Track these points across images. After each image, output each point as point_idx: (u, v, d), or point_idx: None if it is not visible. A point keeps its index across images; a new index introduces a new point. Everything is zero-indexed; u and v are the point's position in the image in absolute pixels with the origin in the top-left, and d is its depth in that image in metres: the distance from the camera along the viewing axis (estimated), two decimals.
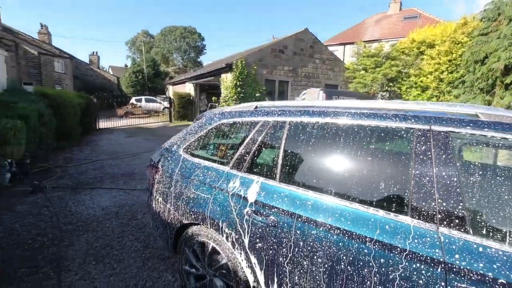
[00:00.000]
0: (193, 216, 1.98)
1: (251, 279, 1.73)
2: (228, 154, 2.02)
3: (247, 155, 1.88)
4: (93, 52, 33.90)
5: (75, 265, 2.74)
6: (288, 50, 13.53)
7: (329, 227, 1.41)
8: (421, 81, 12.68)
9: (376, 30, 25.39)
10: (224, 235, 1.82)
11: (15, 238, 3.19)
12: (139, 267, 2.71)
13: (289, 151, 1.73)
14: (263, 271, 1.66)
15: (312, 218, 1.47)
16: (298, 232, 1.50)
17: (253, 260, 1.70)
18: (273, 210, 1.61)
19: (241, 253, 1.76)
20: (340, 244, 1.36)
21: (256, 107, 2.09)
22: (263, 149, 1.89)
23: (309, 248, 1.46)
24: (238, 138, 2.04)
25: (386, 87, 13.71)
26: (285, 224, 1.56)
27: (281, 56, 13.37)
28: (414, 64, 13.03)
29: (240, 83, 11.90)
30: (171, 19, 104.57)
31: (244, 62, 12.03)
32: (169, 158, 2.34)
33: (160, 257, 2.88)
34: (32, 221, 3.61)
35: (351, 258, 1.32)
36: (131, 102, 23.05)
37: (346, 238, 1.35)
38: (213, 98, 14.05)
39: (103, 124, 13.97)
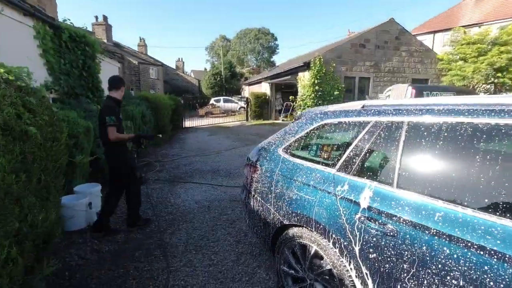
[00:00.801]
0: (295, 218, 1.96)
1: None
2: (334, 156, 1.93)
3: (356, 157, 1.76)
4: (179, 58, 37.73)
5: (178, 252, 3.02)
6: (370, 44, 12.62)
7: (470, 244, 1.20)
8: None
9: (476, 13, 21.73)
10: (331, 240, 1.74)
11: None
12: (234, 261, 2.84)
13: (408, 155, 1.55)
14: (376, 283, 1.53)
15: (444, 232, 1.28)
16: (425, 246, 1.33)
17: (365, 270, 1.57)
18: (391, 219, 1.46)
19: (350, 261, 1.65)
20: (485, 267, 1.14)
21: (363, 106, 1.94)
22: (375, 151, 1.74)
23: (439, 266, 1.28)
24: (344, 139, 1.93)
25: (492, 79, 11.58)
26: (407, 235, 1.40)
27: (361, 51, 12.56)
28: None
29: (318, 81, 11.60)
30: (246, 22, 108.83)
31: (322, 59, 11.69)
32: (267, 157, 2.37)
33: (252, 254, 2.97)
34: (141, 209, 4.13)
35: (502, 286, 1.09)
36: (210, 102, 24.79)
37: (495, 260, 1.12)
38: (290, 97, 14.05)
39: (187, 123, 15.36)
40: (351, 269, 1.66)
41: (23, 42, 4.64)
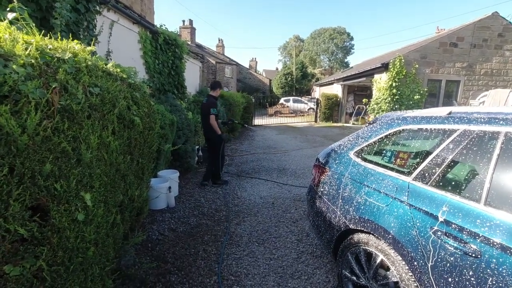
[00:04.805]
0: (362, 223, 1.92)
1: None
2: (410, 163, 1.83)
3: (437, 168, 1.64)
4: (253, 58, 39.12)
5: (242, 242, 3.22)
6: (464, 43, 11.09)
7: None
8: None
9: None
10: (400, 251, 1.67)
11: (202, 209, 4.08)
12: (294, 259, 2.90)
13: (503, 170, 1.39)
14: None
15: None
16: None
17: None
18: (475, 238, 1.34)
19: (420, 277, 1.56)
20: None
21: (450, 112, 1.79)
22: (460, 162, 1.60)
23: None
24: (423, 147, 1.82)
25: None
26: (493, 259, 1.26)
27: (452, 50, 11.12)
28: None
29: (396, 84, 10.73)
30: (322, 22, 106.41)
31: (403, 60, 10.77)
32: (337, 160, 2.36)
33: (312, 254, 2.98)
34: (211, 198, 4.51)
35: None
36: (280, 102, 25.10)
37: None
38: (363, 100, 13.32)
39: (257, 121, 15.88)
40: (421, 285, 1.56)
41: (130, 45, 5.50)
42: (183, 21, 23.06)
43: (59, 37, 1.68)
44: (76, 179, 1.33)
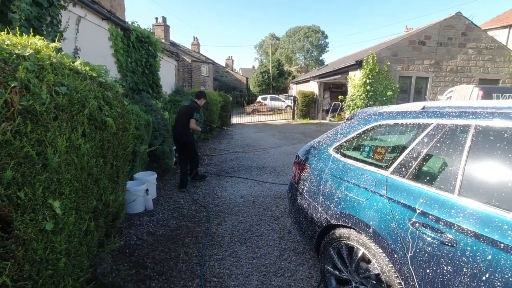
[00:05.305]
0: (343, 218, 1.95)
1: None
2: (388, 158, 1.87)
3: (413, 161, 1.69)
4: (229, 56, 38.89)
5: (224, 242, 3.17)
6: (431, 41, 11.64)
7: None
8: None
9: None
10: (380, 244, 1.70)
11: (181, 211, 3.98)
12: (277, 256, 2.90)
13: (474, 161, 1.45)
14: None
15: None
16: (489, 259, 1.24)
17: (416, 279, 1.51)
18: (450, 227, 1.39)
19: (400, 268, 1.60)
20: None
21: (424, 107, 1.85)
22: (435, 155, 1.66)
23: (505, 282, 1.18)
24: (400, 141, 1.86)
25: None
26: (468, 247, 1.31)
27: (421, 48, 11.65)
28: None
29: (370, 80, 11.07)
30: (297, 20, 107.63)
31: (375, 57, 11.12)
32: (317, 156, 2.38)
33: (295, 251, 3.00)
34: (190, 199, 4.42)
35: None
36: (257, 100, 25.13)
37: None
38: (339, 97, 13.63)
39: (235, 120, 15.79)
40: (401, 275, 1.60)
41: (99, 43, 5.24)
42: (156, 18, 22.36)
43: (18, 33, 1.54)
44: (42, 186, 1.23)
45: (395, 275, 1.64)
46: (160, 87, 6.99)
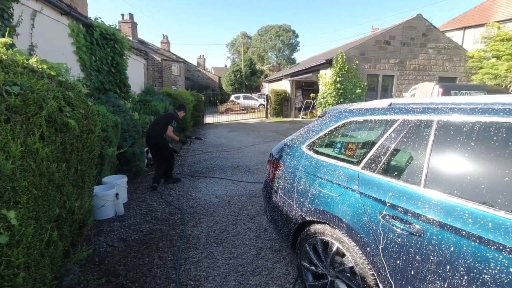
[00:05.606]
0: (317, 214, 1.98)
1: None
2: (359, 154, 1.92)
3: (382, 156, 1.75)
4: (201, 55, 38.25)
5: (200, 244, 3.11)
6: (395, 41, 12.23)
7: (501, 247, 1.18)
8: None
9: (511, 6, 20.39)
10: (353, 238, 1.75)
11: (155, 214, 3.85)
12: (254, 255, 2.89)
13: (438, 154, 1.52)
14: (400, 282, 1.52)
15: (474, 234, 1.26)
16: (453, 247, 1.31)
17: (388, 269, 1.57)
18: (418, 218, 1.45)
19: (373, 260, 1.65)
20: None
21: (391, 104, 1.92)
22: (402, 150, 1.72)
23: (467, 268, 1.26)
24: (369, 137, 1.92)
25: None
26: (434, 236, 1.38)
27: (386, 48, 12.20)
28: None
29: (340, 79, 11.41)
30: (268, 19, 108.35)
31: (344, 56, 11.47)
32: (291, 154, 2.39)
33: (272, 249, 3.01)
34: (164, 202, 4.29)
35: None
36: (231, 99, 24.96)
37: None
38: (311, 95, 13.92)
39: (208, 119, 15.58)
40: (374, 267, 1.66)
41: (59, 39, 4.90)
42: (122, 15, 21.43)
43: None
44: None
45: (368, 267, 1.69)
46: (129, 86, 6.71)
